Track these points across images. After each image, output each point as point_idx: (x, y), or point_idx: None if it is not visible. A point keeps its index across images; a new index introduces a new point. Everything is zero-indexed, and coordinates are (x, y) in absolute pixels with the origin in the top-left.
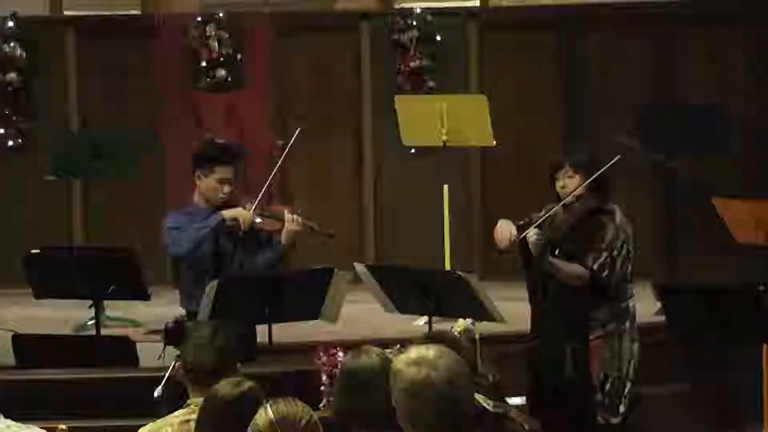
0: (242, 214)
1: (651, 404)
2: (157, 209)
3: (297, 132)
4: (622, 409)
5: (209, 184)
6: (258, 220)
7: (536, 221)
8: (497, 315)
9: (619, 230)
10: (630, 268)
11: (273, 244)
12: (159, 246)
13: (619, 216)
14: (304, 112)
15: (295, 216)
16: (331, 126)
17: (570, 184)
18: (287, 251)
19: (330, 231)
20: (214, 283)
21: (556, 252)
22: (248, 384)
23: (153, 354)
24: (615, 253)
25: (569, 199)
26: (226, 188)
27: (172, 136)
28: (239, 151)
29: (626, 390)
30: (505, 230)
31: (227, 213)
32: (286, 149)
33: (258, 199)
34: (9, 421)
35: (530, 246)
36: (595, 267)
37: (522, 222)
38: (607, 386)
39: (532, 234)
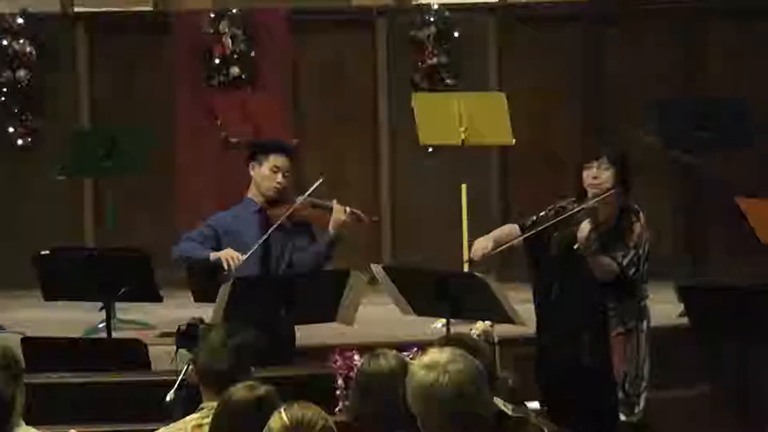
0: (229, 255)
1: (672, 406)
2: (169, 209)
3: (319, 181)
4: (637, 408)
5: (263, 172)
6: (304, 211)
7: (551, 222)
8: (516, 317)
9: (643, 230)
10: (647, 268)
11: (321, 237)
12: (171, 246)
13: (642, 215)
14: (319, 109)
15: (344, 207)
16: (347, 124)
17: (602, 176)
18: (336, 242)
19: (375, 218)
20: (228, 284)
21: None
22: (263, 388)
23: (165, 357)
24: (641, 251)
25: (595, 191)
26: (280, 177)
27: (184, 133)
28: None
29: (642, 388)
30: (481, 242)
31: (214, 254)
32: (311, 190)
33: (310, 191)
34: (31, 429)
35: (581, 238)
36: (624, 263)
37: (531, 221)
38: (626, 384)
39: (585, 226)
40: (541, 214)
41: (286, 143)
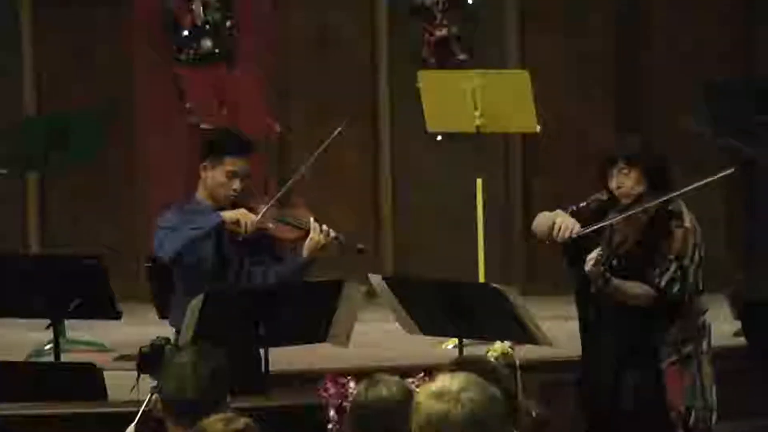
0: (245, 216)
1: None
2: (128, 208)
3: (337, 131)
4: None
5: (216, 177)
6: (271, 225)
7: (590, 228)
8: (542, 337)
9: (689, 234)
10: (701, 278)
11: (288, 257)
12: (132, 253)
13: (688, 217)
14: (308, 90)
15: (324, 225)
16: (341, 108)
17: (626, 182)
18: (310, 267)
19: (361, 245)
20: (199, 297)
21: (613, 262)
22: (241, 421)
23: (124, 385)
24: (686, 262)
25: (625, 201)
26: (237, 184)
27: (149, 120)
28: (255, 143)
29: (713, 422)
30: (569, 222)
31: (228, 214)
32: (323, 146)
33: (273, 199)
34: None
35: (588, 274)
36: (663, 283)
37: (570, 210)
38: (691, 420)
39: (590, 259)
40: (582, 205)
41: (246, 140)
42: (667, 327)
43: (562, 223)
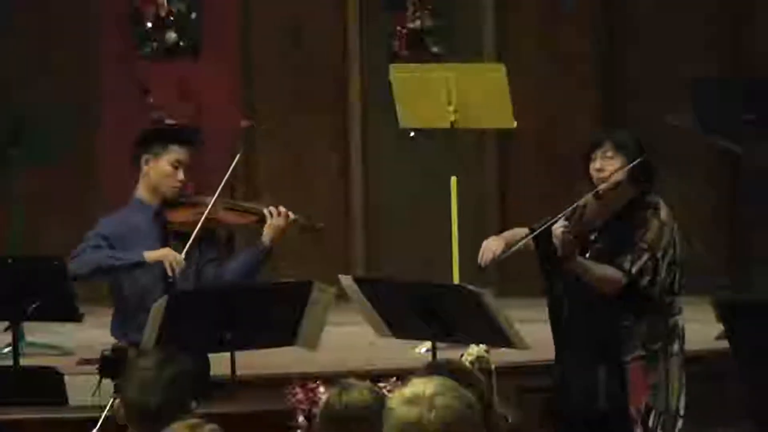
0: (172, 257)
1: None
2: (90, 207)
3: (237, 158)
4: None
5: (161, 168)
6: (221, 214)
7: (561, 215)
8: (518, 340)
9: (665, 228)
10: (677, 277)
11: (247, 248)
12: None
13: (664, 211)
14: (276, 84)
15: (281, 208)
16: (311, 103)
17: (608, 166)
18: (269, 255)
19: (319, 224)
20: (162, 300)
21: (586, 254)
22: (207, 427)
23: (86, 389)
24: (659, 255)
25: (603, 186)
26: (181, 175)
27: (110, 115)
28: (197, 134)
29: (677, 428)
30: (491, 244)
31: (152, 255)
32: (230, 170)
33: (216, 194)
34: None
35: (555, 241)
36: (633, 270)
37: (543, 223)
38: (651, 420)
39: (558, 227)
40: (559, 216)
41: (191, 130)
42: (633, 322)
43: (485, 247)
